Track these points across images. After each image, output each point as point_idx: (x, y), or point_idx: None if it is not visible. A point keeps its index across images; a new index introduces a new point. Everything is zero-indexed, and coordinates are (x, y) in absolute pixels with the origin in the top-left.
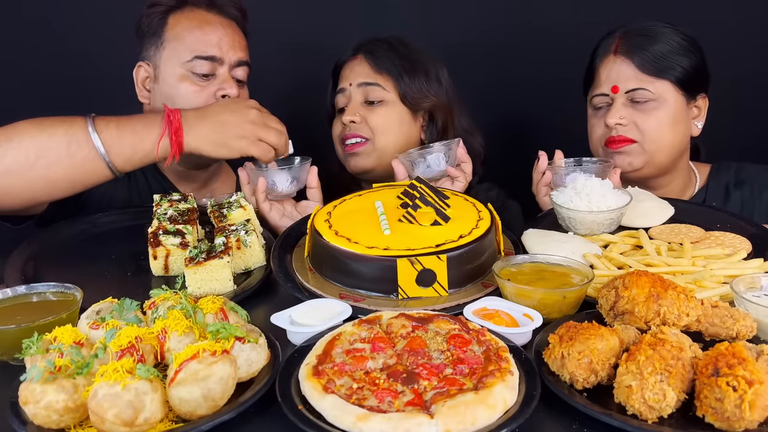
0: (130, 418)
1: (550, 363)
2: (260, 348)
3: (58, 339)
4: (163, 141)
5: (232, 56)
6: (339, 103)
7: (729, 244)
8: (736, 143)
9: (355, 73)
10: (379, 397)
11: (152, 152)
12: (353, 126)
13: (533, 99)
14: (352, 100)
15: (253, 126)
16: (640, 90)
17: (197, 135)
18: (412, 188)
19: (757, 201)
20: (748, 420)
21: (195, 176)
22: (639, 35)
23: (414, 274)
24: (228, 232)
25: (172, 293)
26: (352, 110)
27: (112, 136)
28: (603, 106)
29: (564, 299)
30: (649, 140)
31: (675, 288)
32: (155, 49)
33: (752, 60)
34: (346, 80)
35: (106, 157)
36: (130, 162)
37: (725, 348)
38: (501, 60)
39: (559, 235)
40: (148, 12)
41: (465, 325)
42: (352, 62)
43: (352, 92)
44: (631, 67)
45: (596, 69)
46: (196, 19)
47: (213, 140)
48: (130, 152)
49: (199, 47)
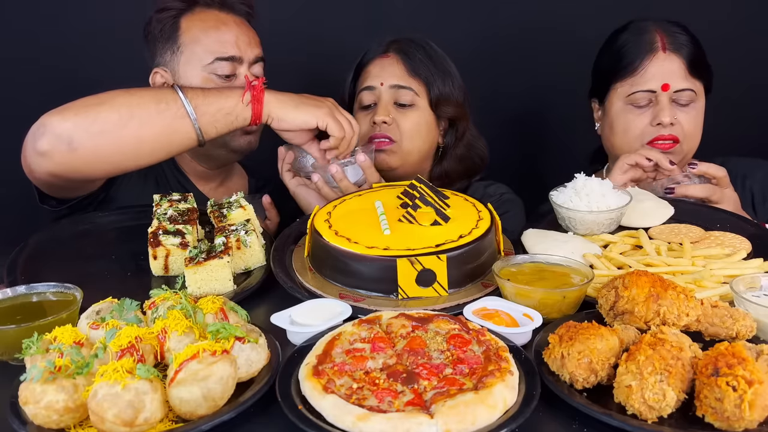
0: (130, 418)
1: (550, 363)
2: (260, 348)
3: (58, 339)
4: (245, 97)
5: (249, 54)
6: (365, 100)
7: (729, 244)
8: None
9: (387, 73)
10: (379, 397)
11: (235, 110)
12: (384, 126)
13: (536, 100)
14: (382, 99)
15: (332, 105)
16: (687, 90)
17: (278, 99)
18: (412, 188)
19: (739, 189)
20: (747, 420)
21: (213, 176)
22: (677, 33)
23: (414, 274)
24: (228, 232)
25: (172, 293)
26: (384, 111)
27: (197, 95)
28: (645, 103)
29: (564, 299)
30: (689, 138)
31: (675, 288)
32: (171, 54)
33: (750, 60)
34: (376, 78)
35: (192, 114)
36: (214, 123)
37: (725, 348)
38: (502, 61)
39: (558, 235)
40: (159, 17)
41: (465, 325)
42: (382, 60)
43: (382, 92)
44: (682, 66)
45: (639, 64)
46: (210, 20)
47: (294, 105)
48: (215, 110)
49: (219, 48)
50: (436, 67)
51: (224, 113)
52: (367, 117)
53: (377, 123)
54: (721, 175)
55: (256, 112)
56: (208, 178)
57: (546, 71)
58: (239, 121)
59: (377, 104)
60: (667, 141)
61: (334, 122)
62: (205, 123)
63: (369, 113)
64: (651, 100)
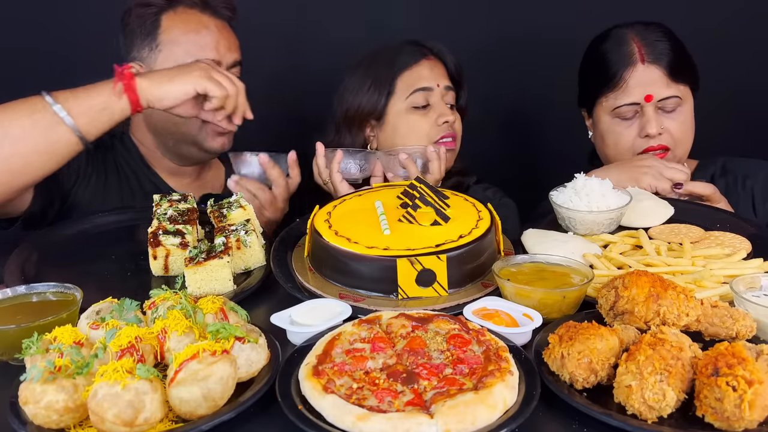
0: (130, 418)
1: (550, 363)
2: (260, 348)
3: (58, 339)
4: (118, 85)
5: (228, 58)
6: (419, 101)
7: (729, 244)
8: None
9: (437, 74)
10: (379, 397)
11: (109, 104)
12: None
13: (532, 102)
14: (441, 99)
15: (206, 65)
16: (672, 98)
17: (150, 80)
18: (411, 188)
19: (740, 189)
20: (747, 420)
21: (186, 171)
22: (656, 41)
23: (414, 274)
24: (228, 232)
25: (172, 293)
26: (447, 110)
27: (67, 98)
28: (630, 114)
29: (564, 299)
30: (679, 144)
31: (675, 288)
32: (149, 50)
33: (747, 60)
34: (430, 80)
35: (66, 118)
36: (93, 123)
37: (725, 348)
38: (501, 60)
39: (558, 235)
40: (139, 12)
41: (465, 325)
42: (428, 62)
43: (438, 93)
44: (663, 76)
45: (620, 77)
46: (191, 22)
47: (167, 79)
48: (87, 108)
49: (198, 52)
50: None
51: (99, 109)
52: (425, 117)
53: (449, 122)
54: (709, 193)
55: (132, 101)
56: (181, 174)
57: (546, 71)
58: (118, 114)
59: (432, 105)
60: (657, 152)
61: (212, 83)
62: (83, 124)
63: (425, 113)
64: (637, 111)
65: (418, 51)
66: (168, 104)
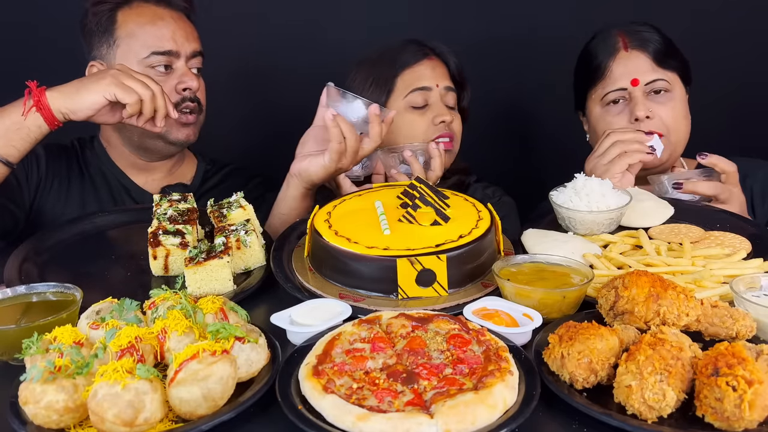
0: (130, 418)
1: (550, 363)
2: (260, 348)
3: (58, 339)
4: (27, 102)
5: (187, 48)
6: (417, 101)
7: (729, 244)
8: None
9: (437, 75)
10: (379, 397)
11: (24, 123)
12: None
13: (531, 99)
14: (439, 100)
15: (117, 72)
16: (659, 81)
17: (60, 92)
18: (411, 188)
19: None
20: (747, 420)
21: (156, 167)
22: (641, 31)
23: (414, 274)
24: (228, 232)
25: (172, 293)
26: (445, 110)
27: None
28: (620, 101)
29: (564, 299)
30: (673, 131)
31: (675, 288)
32: (107, 47)
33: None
34: (429, 80)
35: None
36: (10, 143)
37: (725, 348)
38: (501, 61)
39: (558, 235)
40: (95, 10)
41: (465, 325)
42: (429, 62)
43: (437, 93)
44: (648, 60)
45: (606, 67)
46: (146, 15)
47: (75, 90)
48: (3, 130)
49: (155, 43)
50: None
51: (14, 130)
52: (422, 116)
53: (445, 122)
54: (731, 170)
55: (46, 116)
56: (151, 169)
57: (545, 68)
58: (35, 131)
59: (430, 104)
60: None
61: (122, 89)
62: (1, 146)
63: (423, 112)
64: (625, 98)
65: (420, 51)
66: (83, 115)
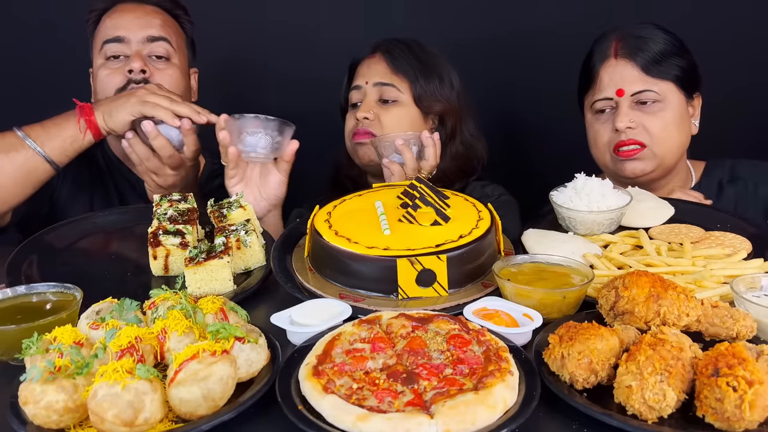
0: (130, 418)
1: (550, 363)
2: (260, 348)
3: (58, 339)
4: (81, 122)
5: (139, 33)
6: (353, 99)
7: (729, 244)
8: (735, 143)
9: (372, 72)
10: (379, 397)
11: (77, 134)
12: (366, 122)
13: (533, 101)
14: (366, 97)
15: (143, 91)
16: (645, 92)
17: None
18: (412, 188)
19: (752, 197)
20: (748, 420)
21: None
22: (636, 37)
23: (414, 274)
24: (228, 232)
25: (172, 293)
26: (366, 107)
27: (39, 133)
28: (607, 110)
29: (564, 299)
30: (658, 142)
31: (675, 288)
32: (95, 51)
33: (749, 59)
34: (363, 78)
35: (41, 152)
36: (64, 152)
37: (725, 348)
38: (501, 61)
39: (559, 235)
40: (86, 18)
41: (465, 325)
42: (369, 60)
43: (367, 90)
44: (635, 70)
45: (596, 73)
46: (117, 11)
47: (110, 109)
48: (60, 141)
49: (108, 32)
50: (421, 63)
51: (70, 142)
52: (352, 114)
53: (359, 119)
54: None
55: (94, 132)
56: None
57: (544, 71)
58: (86, 143)
59: (362, 102)
60: (629, 147)
61: (147, 107)
62: (55, 155)
63: (354, 112)
64: (613, 107)
65: (370, 47)
66: (119, 130)
